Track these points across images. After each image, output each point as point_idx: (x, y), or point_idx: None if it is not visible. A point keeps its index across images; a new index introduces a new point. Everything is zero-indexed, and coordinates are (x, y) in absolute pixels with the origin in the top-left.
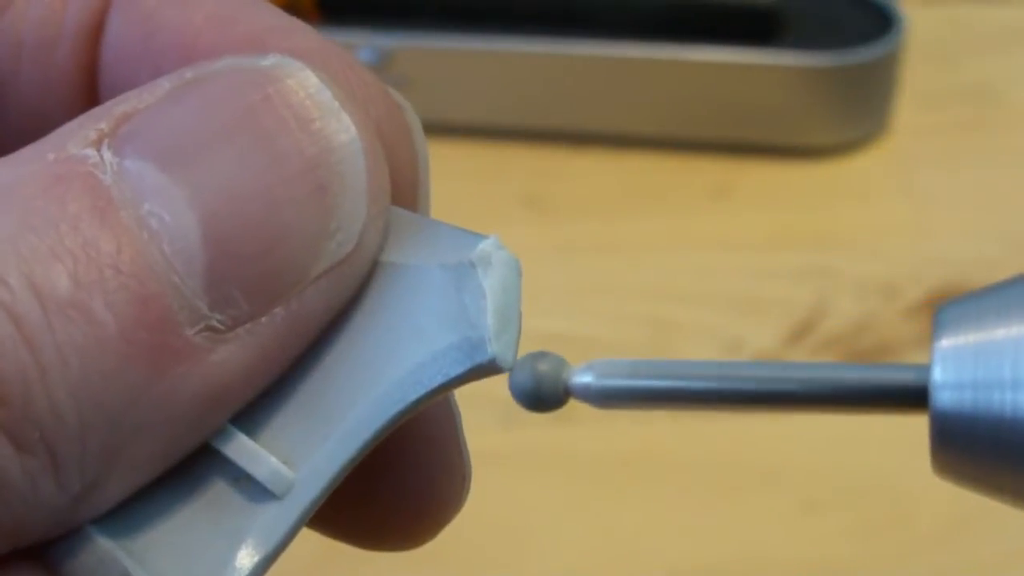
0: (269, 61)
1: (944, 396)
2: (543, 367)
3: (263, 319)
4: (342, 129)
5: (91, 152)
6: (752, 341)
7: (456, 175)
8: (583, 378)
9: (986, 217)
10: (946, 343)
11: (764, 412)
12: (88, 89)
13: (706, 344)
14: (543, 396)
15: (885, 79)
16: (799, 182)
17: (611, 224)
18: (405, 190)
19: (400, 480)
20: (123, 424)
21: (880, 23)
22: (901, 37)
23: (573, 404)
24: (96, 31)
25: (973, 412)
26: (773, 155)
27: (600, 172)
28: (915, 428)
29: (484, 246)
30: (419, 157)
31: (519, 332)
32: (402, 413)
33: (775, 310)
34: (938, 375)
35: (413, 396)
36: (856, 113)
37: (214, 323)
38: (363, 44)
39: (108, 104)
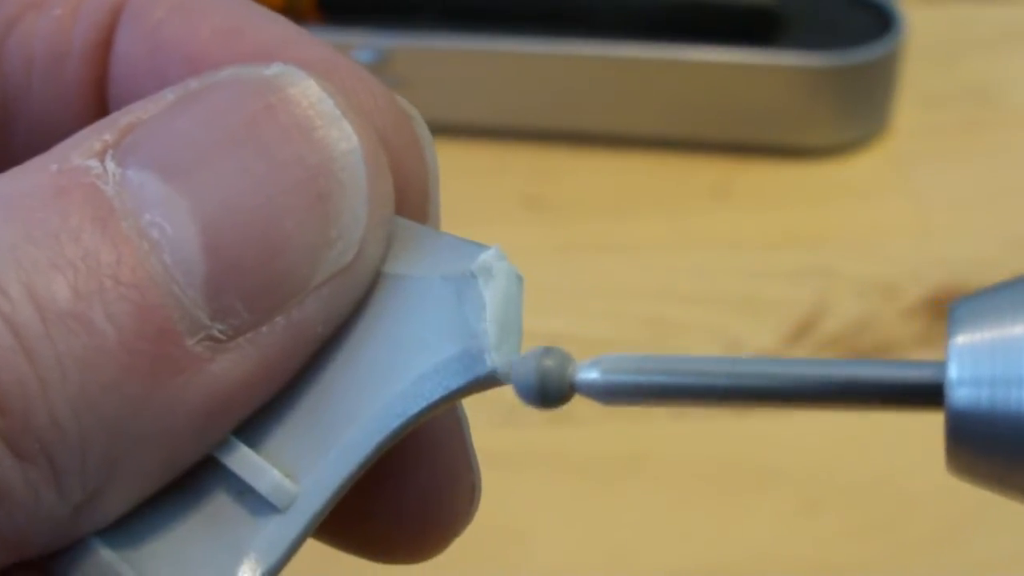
0: (272, 70)
1: (961, 393)
2: (548, 362)
3: (264, 328)
4: (343, 137)
5: (94, 163)
6: (752, 341)
7: (456, 175)
8: (589, 374)
9: (986, 217)
10: (962, 340)
11: (774, 409)
12: (98, 103)
13: (706, 344)
14: (548, 392)
15: (885, 79)
16: (799, 182)
17: (611, 224)
18: (414, 202)
19: (406, 490)
20: (123, 434)
21: (880, 23)
22: (901, 37)
23: (573, 404)
24: (105, 45)
25: (990, 410)
26: (773, 155)
27: (600, 172)
28: (914, 428)
29: (485, 257)
30: (429, 169)
31: (520, 344)
32: (403, 426)
33: (775, 310)
34: (954, 372)
35: (414, 409)
36: (856, 113)
37: (215, 333)
38: (363, 44)
39: (113, 115)
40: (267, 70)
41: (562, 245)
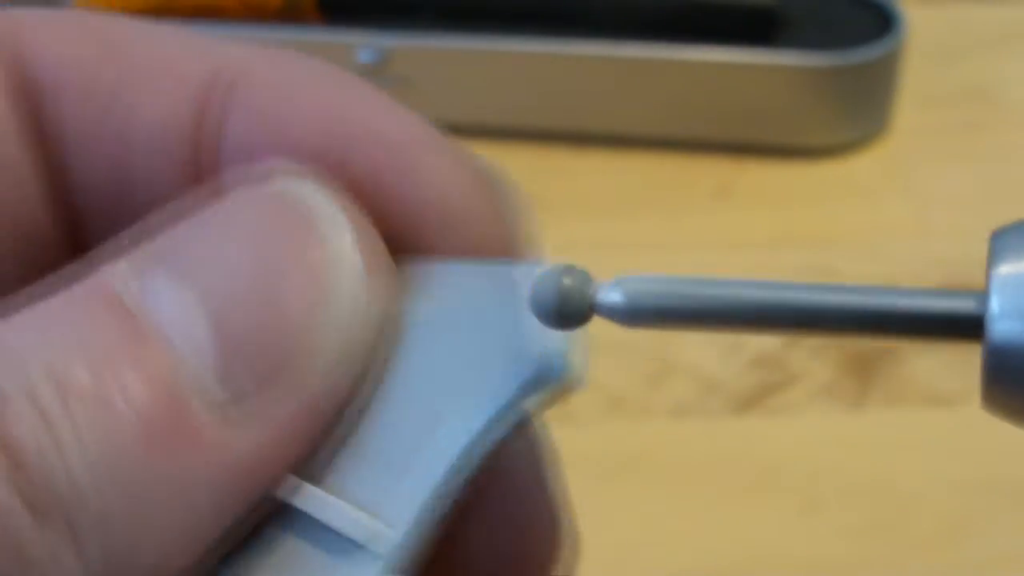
0: (274, 182)
1: (1002, 326)
2: (568, 281)
3: (274, 402)
4: (336, 227)
5: (120, 272)
6: (752, 340)
7: None
8: (611, 295)
9: (986, 217)
10: (1004, 270)
11: (805, 335)
12: (201, 180)
13: (706, 344)
14: (567, 311)
15: (885, 79)
16: (799, 182)
17: (611, 224)
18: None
19: (489, 540)
20: (144, 503)
21: (880, 23)
22: (901, 37)
23: (573, 405)
24: (213, 126)
25: None
26: (773, 155)
27: (600, 172)
28: (914, 428)
29: (531, 271)
30: (512, 234)
31: (587, 348)
32: (472, 444)
33: None
34: (996, 304)
35: (478, 426)
36: (856, 113)
37: (227, 410)
38: (363, 44)
39: (137, 225)
40: (270, 184)
41: (562, 245)
